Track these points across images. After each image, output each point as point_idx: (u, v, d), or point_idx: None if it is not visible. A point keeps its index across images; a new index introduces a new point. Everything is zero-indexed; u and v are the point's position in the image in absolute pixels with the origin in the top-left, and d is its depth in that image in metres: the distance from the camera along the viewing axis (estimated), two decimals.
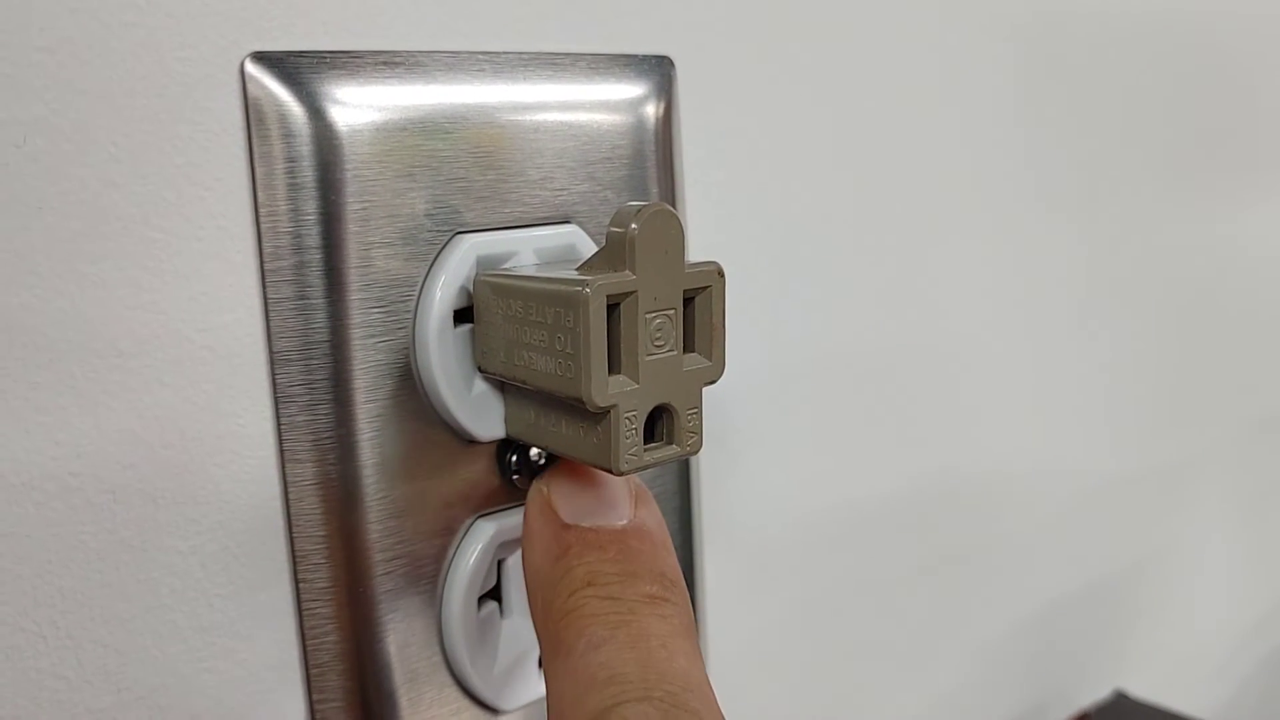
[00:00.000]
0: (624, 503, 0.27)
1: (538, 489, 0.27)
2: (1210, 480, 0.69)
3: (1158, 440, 0.64)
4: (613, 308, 0.25)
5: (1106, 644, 0.63)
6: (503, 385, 0.29)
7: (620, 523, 0.26)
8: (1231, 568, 0.74)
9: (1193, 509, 0.68)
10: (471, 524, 0.30)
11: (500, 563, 0.31)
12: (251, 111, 0.26)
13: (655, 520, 0.27)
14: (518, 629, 0.32)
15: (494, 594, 0.31)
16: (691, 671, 0.23)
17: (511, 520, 0.30)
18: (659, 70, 0.33)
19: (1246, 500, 0.73)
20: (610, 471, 0.25)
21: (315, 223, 0.27)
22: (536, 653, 0.32)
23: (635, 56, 0.33)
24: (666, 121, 0.33)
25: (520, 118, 0.30)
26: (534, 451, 0.31)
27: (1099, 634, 0.62)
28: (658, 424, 0.26)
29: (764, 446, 0.41)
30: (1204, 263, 0.64)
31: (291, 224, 0.27)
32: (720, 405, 0.38)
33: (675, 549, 0.35)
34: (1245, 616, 0.77)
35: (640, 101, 0.33)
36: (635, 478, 0.27)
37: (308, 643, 0.29)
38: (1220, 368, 0.68)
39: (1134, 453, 0.62)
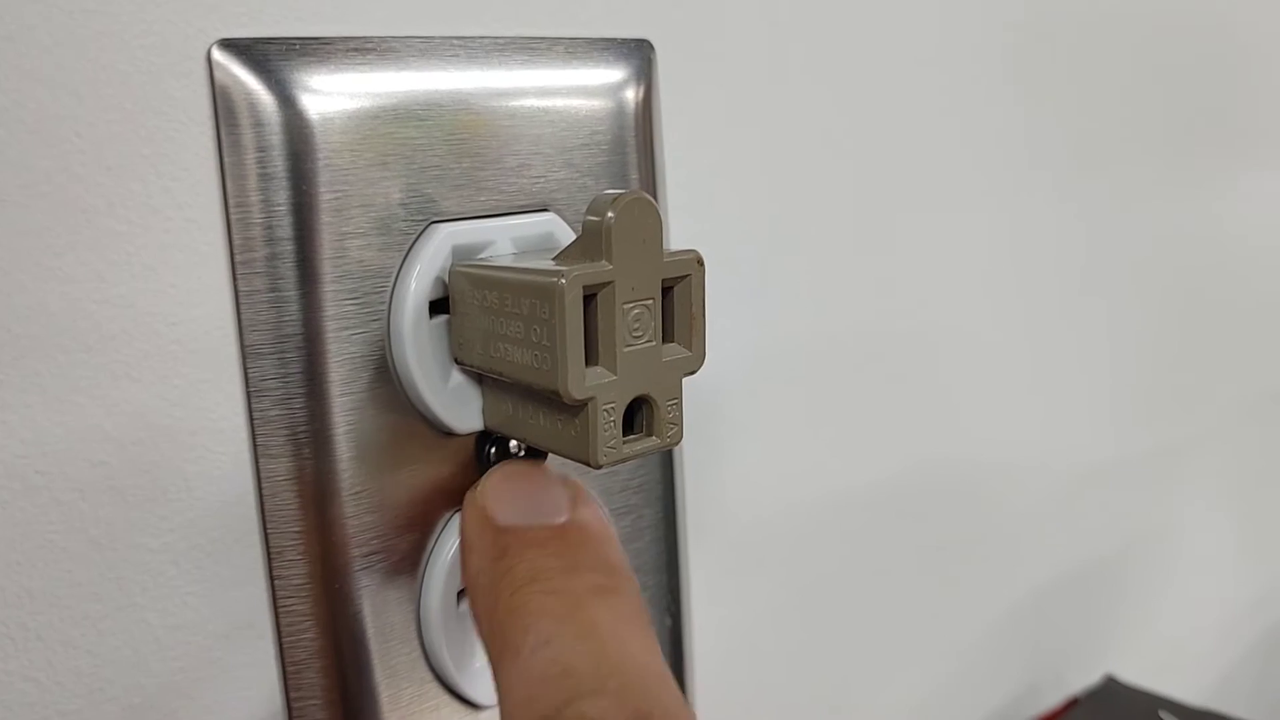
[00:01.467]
0: (561, 503, 0.26)
1: (471, 497, 0.26)
2: (1200, 465, 0.69)
3: (1147, 424, 0.64)
4: (590, 298, 0.24)
5: (1096, 629, 0.63)
6: (480, 377, 0.28)
7: (559, 519, 0.26)
8: (1221, 552, 0.74)
9: (1182, 494, 0.68)
10: (450, 518, 0.30)
11: None
12: (220, 100, 0.26)
13: (595, 517, 0.26)
14: None
15: None
16: (646, 660, 0.23)
17: None
18: (638, 54, 0.33)
19: (1236, 485, 0.73)
20: (589, 465, 0.25)
21: (287, 213, 0.26)
22: None
23: (614, 40, 0.33)
24: (646, 106, 0.33)
25: (496, 104, 0.29)
26: (513, 444, 0.30)
27: (1089, 619, 0.62)
28: (637, 415, 0.26)
29: (749, 435, 0.40)
30: (1197, 245, 0.64)
31: (263, 215, 0.26)
32: (704, 394, 0.38)
33: (659, 540, 0.35)
34: (1235, 601, 0.77)
35: (619, 86, 0.32)
36: (575, 480, 0.27)
37: (284, 640, 0.28)
38: (1211, 350, 0.68)
39: (1123, 437, 0.62)
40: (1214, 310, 0.67)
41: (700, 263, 0.26)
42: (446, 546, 0.30)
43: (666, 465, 0.35)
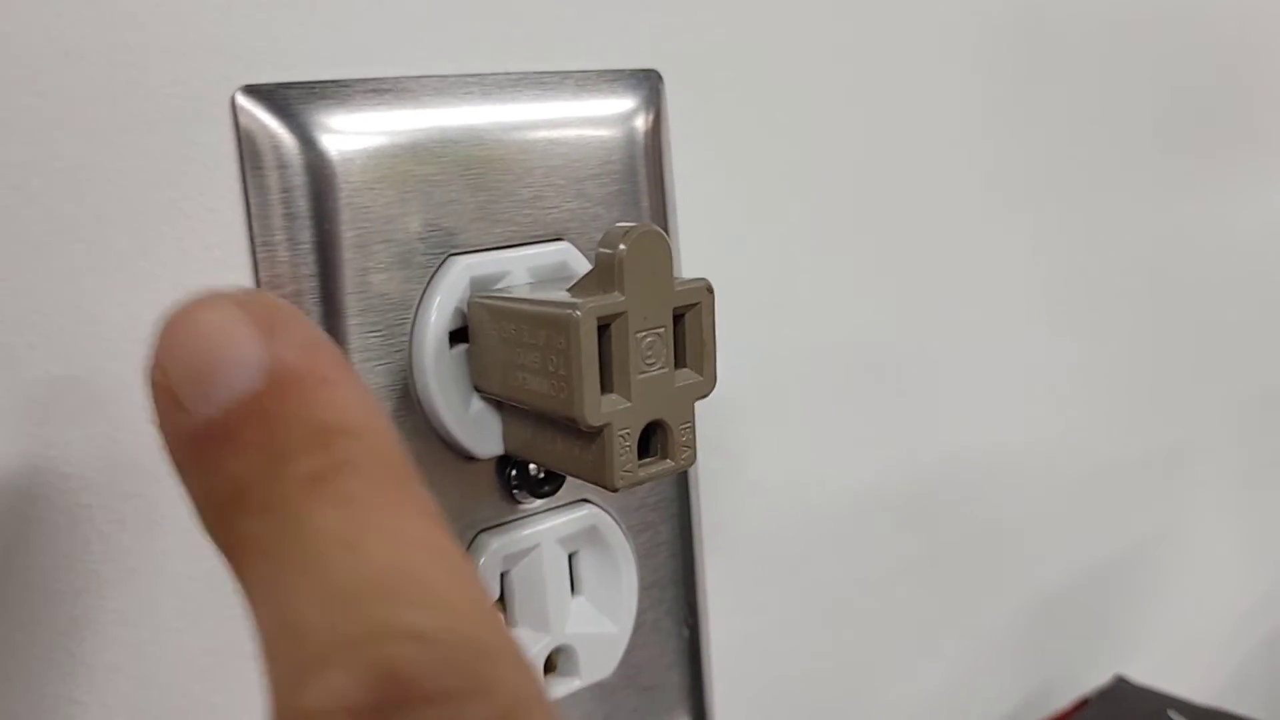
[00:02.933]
0: (250, 344, 0.18)
1: (155, 379, 0.19)
2: (1207, 462, 0.69)
3: (1154, 424, 0.64)
4: (603, 328, 0.25)
5: (1106, 629, 0.63)
6: (500, 404, 0.29)
7: (254, 381, 0.18)
8: (1230, 550, 0.74)
9: (1190, 492, 0.68)
10: (474, 539, 0.31)
11: (503, 575, 0.32)
12: (244, 143, 0.27)
13: (300, 345, 0.19)
14: (522, 639, 0.32)
15: (498, 606, 0.32)
16: (396, 557, 0.17)
17: (512, 535, 0.31)
18: (647, 84, 0.34)
19: (1243, 482, 0.74)
20: (606, 487, 0.26)
21: (311, 251, 0.27)
22: (541, 662, 0.32)
23: (622, 71, 0.34)
24: (655, 135, 0.34)
25: (509, 137, 0.30)
26: (533, 466, 0.31)
27: (1099, 620, 0.62)
28: (652, 439, 0.27)
29: (761, 447, 0.41)
30: (1202, 248, 0.65)
31: (288, 253, 0.27)
32: (717, 409, 0.39)
33: (676, 555, 0.36)
34: (1244, 599, 0.77)
35: (629, 116, 0.33)
36: (258, 292, 0.21)
37: None
38: (1215, 349, 0.68)
39: (1130, 437, 0.62)
40: (1220, 312, 0.68)
41: (710, 290, 0.27)
42: None
43: (681, 482, 0.36)
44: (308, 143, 0.27)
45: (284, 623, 0.16)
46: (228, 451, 0.18)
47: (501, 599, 0.32)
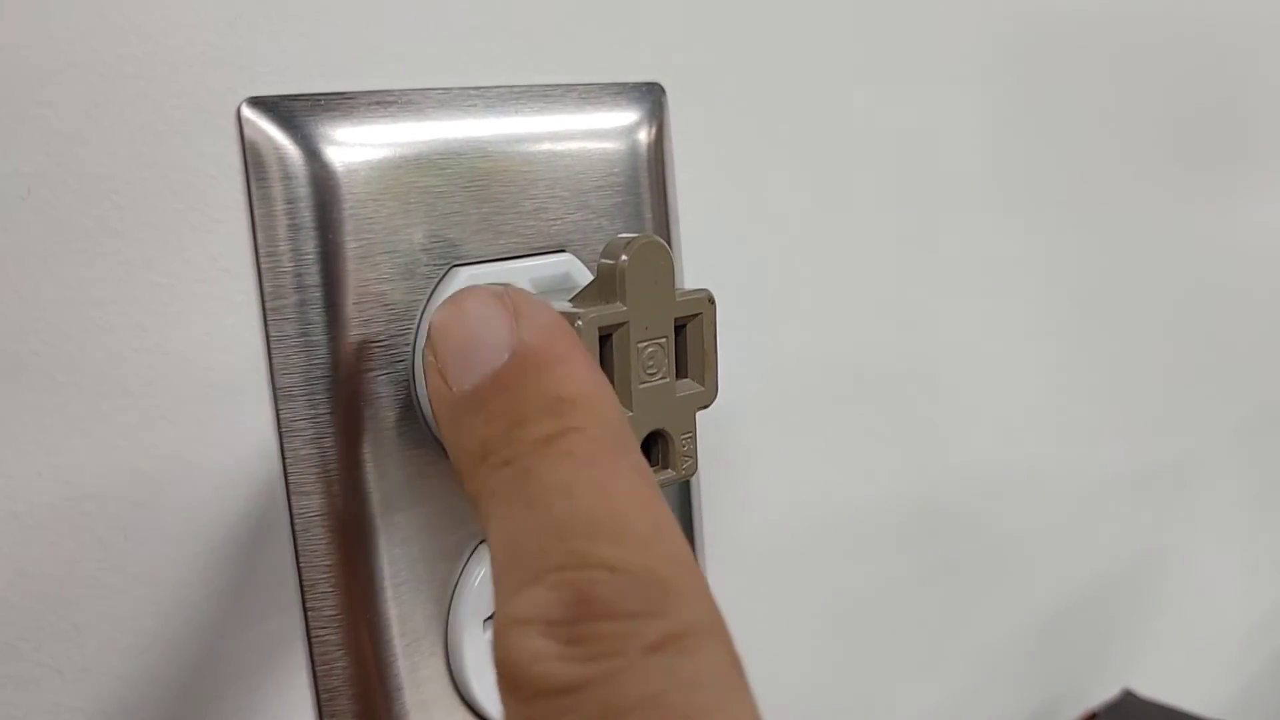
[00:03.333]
0: (501, 336, 0.23)
1: (427, 361, 0.24)
2: (1216, 477, 0.69)
3: (1162, 438, 0.64)
4: (605, 338, 0.25)
5: (1114, 643, 0.63)
6: None
7: (502, 359, 0.22)
8: (1239, 564, 0.74)
9: (1198, 506, 0.68)
10: (476, 548, 0.31)
11: None
12: (249, 155, 0.27)
13: (539, 329, 0.23)
14: None
15: None
16: (604, 504, 0.20)
17: None
18: (649, 97, 0.34)
19: (1253, 496, 0.74)
20: None
21: (315, 261, 0.27)
22: None
23: (625, 84, 0.34)
24: (658, 147, 0.34)
25: (513, 149, 0.31)
26: None
27: (1106, 633, 0.62)
28: (654, 448, 0.27)
29: (764, 459, 0.41)
30: (1206, 263, 0.65)
31: (292, 263, 0.27)
32: (719, 420, 0.39)
33: None
34: (1253, 613, 0.77)
35: (632, 129, 0.33)
36: (514, 290, 0.24)
37: (318, 669, 0.29)
38: (1223, 363, 0.68)
39: (1138, 451, 0.62)
40: (1228, 326, 0.68)
41: (711, 301, 0.27)
42: (473, 575, 0.31)
43: (683, 492, 0.36)
44: (312, 154, 0.27)
45: (508, 549, 0.20)
46: (479, 418, 0.22)
47: None
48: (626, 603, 0.19)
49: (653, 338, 0.26)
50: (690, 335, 0.27)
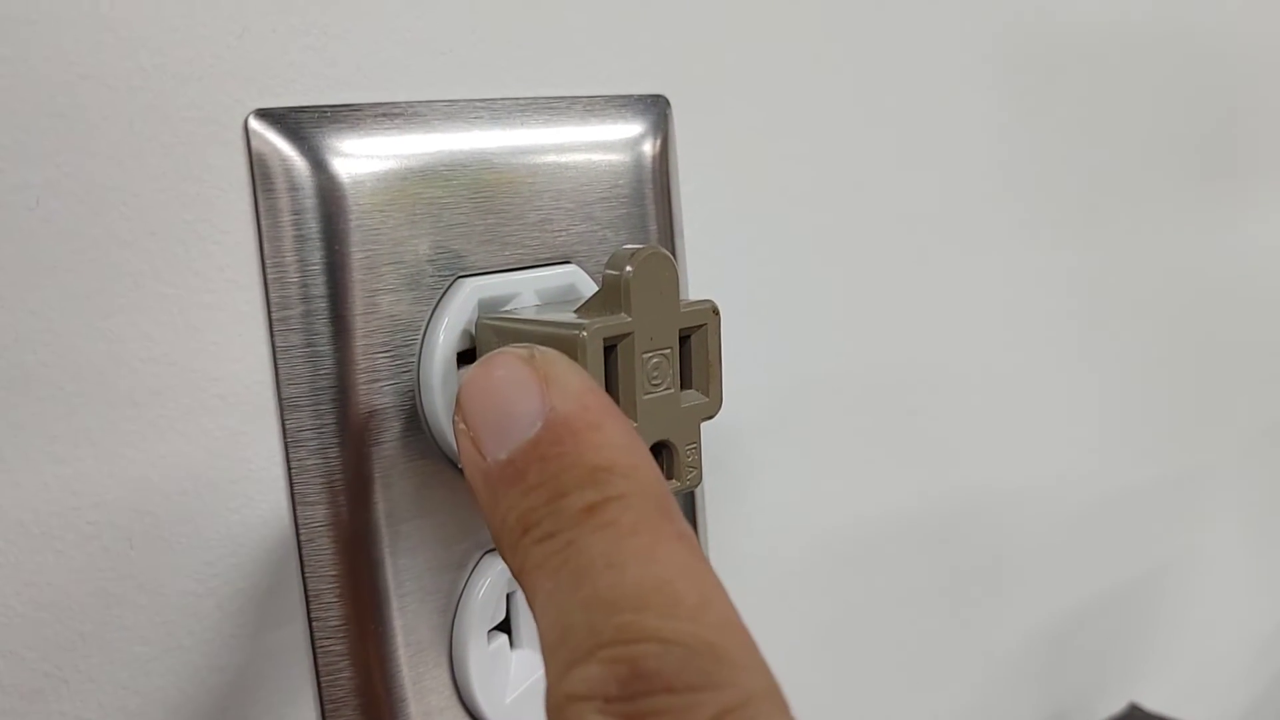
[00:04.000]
0: (532, 397, 0.23)
1: (459, 428, 0.24)
2: (1223, 489, 0.69)
3: (1169, 450, 0.64)
4: (610, 349, 0.25)
5: (1120, 656, 0.63)
6: None
7: (535, 428, 0.22)
8: (1246, 578, 0.74)
9: (1205, 519, 0.68)
10: (480, 559, 0.31)
11: (509, 596, 0.32)
12: (256, 166, 0.27)
13: (572, 395, 0.23)
14: (528, 660, 0.32)
15: (504, 626, 0.32)
16: (650, 574, 0.20)
17: None
18: (654, 109, 0.34)
19: (1260, 509, 0.73)
20: None
21: (321, 272, 0.28)
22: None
23: (630, 96, 0.34)
24: (663, 159, 0.34)
25: (518, 161, 0.31)
26: None
27: (1113, 647, 0.62)
28: (658, 459, 0.27)
29: (770, 470, 0.41)
30: (1211, 274, 0.65)
31: (298, 274, 0.27)
32: (724, 431, 0.39)
33: None
34: (1260, 627, 0.77)
35: (637, 141, 0.33)
36: (542, 352, 0.24)
37: (322, 679, 0.29)
38: (1230, 375, 0.68)
39: (1146, 463, 0.62)
40: (1231, 336, 0.68)
41: (716, 312, 0.27)
42: (478, 586, 0.31)
43: (687, 503, 0.36)
44: (319, 166, 0.27)
45: (558, 626, 0.20)
46: (517, 490, 0.22)
47: (507, 620, 0.32)
48: (683, 675, 0.19)
49: (657, 348, 0.26)
50: (695, 346, 0.27)
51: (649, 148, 0.34)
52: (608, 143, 0.33)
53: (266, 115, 0.27)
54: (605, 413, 0.23)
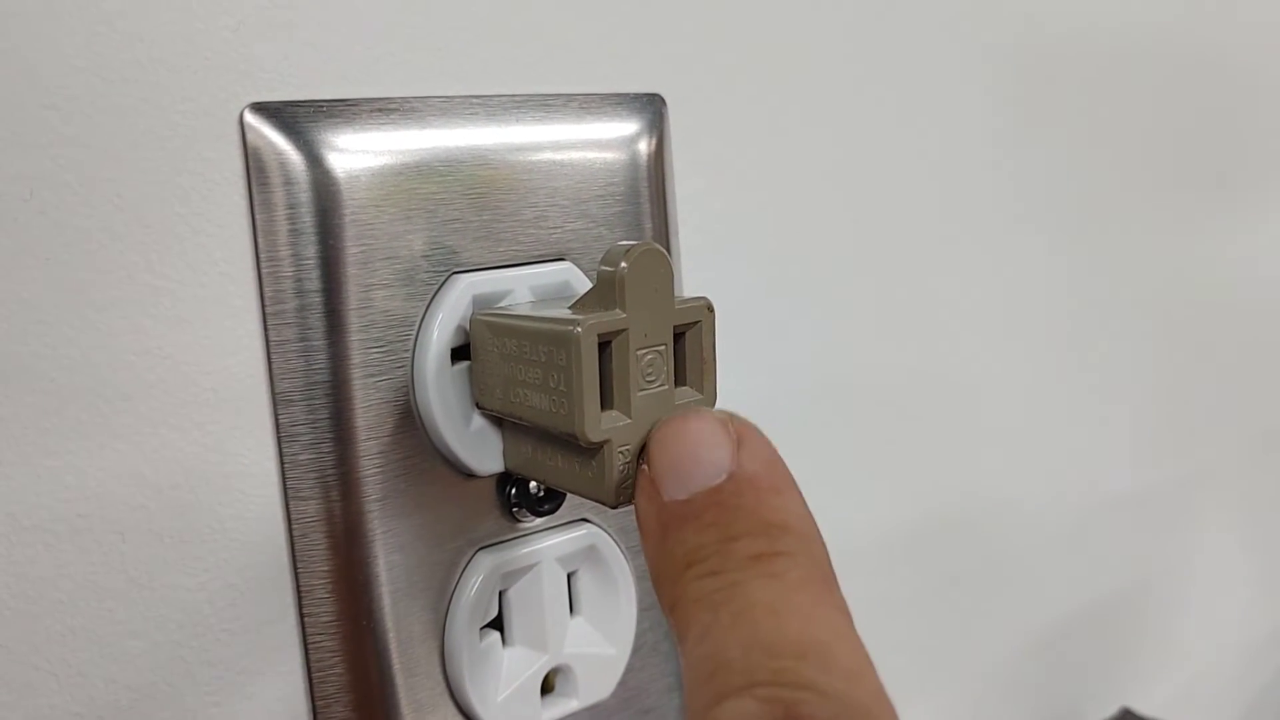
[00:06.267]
0: (722, 457, 0.23)
1: (641, 470, 0.25)
2: (1216, 496, 0.69)
3: (1163, 457, 0.64)
4: (604, 345, 0.25)
5: (1113, 662, 0.63)
6: (500, 421, 0.29)
7: (719, 479, 0.23)
8: (1239, 584, 0.74)
9: (1199, 526, 0.68)
10: (473, 556, 0.31)
11: (501, 593, 0.32)
12: (251, 160, 0.27)
13: (761, 460, 0.24)
14: (519, 658, 0.32)
15: (496, 624, 0.32)
16: (810, 631, 0.20)
17: (511, 553, 0.31)
18: (650, 107, 0.34)
19: (1253, 516, 0.73)
20: (605, 504, 0.26)
21: (315, 266, 0.27)
22: (538, 681, 0.32)
23: (626, 95, 0.34)
24: (658, 157, 0.34)
25: (514, 158, 0.31)
26: (533, 485, 0.31)
27: (1105, 652, 0.62)
28: None
29: None
30: (1206, 278, 0.65)
31: (292, 268, 0.27)
32: None
33: None
34: (1253, 633, 0.77)
35: (632, 139, 0.33)
36: (740, 420, 0.25)
37: (314, 675, 0.29)
38: (1224, 383, 0.68)
39: (1139, 470, 0.62)
40: (1226, 344, 0.68)
41: (710, 309, 0.27)
42: (470, 583, 0.31)
43: None
44: (314, 160, 0.27)
45: (711, 658, 0.20)
46: (690, 528, 0.22)
47: (499, 617, 0.32)
48: None
49: (652, 345, 0.26)
50: (689, 343, 0.27)
51: (644, 146, 0.34)
52: (603, 140, 0.33)
53: (262, 109, 0.27)
54: (789, 483, 0.24)
